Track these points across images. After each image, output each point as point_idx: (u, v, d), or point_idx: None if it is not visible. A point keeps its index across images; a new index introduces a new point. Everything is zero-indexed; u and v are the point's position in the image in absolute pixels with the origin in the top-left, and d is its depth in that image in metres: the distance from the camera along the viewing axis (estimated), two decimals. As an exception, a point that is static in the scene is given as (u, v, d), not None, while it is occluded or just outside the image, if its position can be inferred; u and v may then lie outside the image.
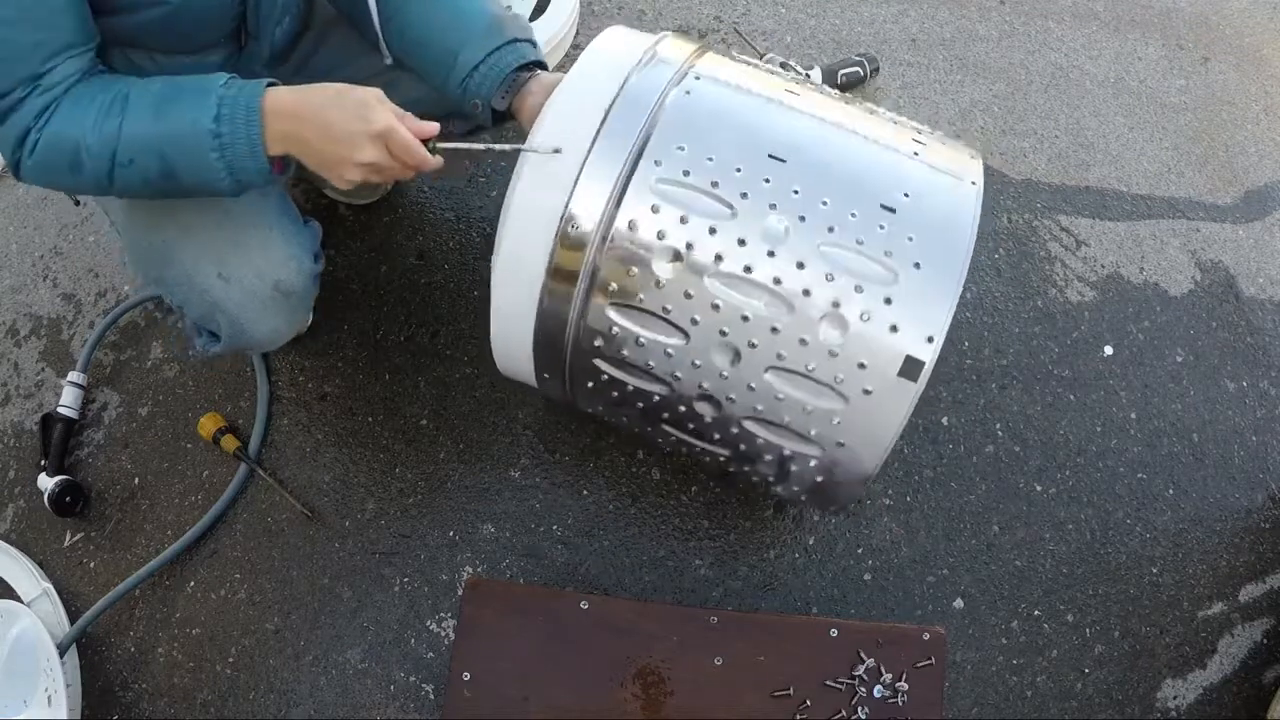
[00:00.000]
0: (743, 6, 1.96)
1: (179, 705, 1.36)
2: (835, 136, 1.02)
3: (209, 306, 1.16)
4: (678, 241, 0.94)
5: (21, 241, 1.76)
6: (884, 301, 0.93)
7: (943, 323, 0.93)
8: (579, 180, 0.96)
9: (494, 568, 1.41)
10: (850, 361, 0.94)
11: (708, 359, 0.98)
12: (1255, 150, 1.90)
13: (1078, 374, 1.59)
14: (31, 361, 1.65)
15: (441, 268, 1.62)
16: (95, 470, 1.53)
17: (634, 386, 1.05)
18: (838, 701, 1.23)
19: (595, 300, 0.99)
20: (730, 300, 0.95)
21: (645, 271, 0.96)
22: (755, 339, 0.95)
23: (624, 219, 0.95)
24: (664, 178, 0.95)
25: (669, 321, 0.97)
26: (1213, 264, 1.74)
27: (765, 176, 0.95)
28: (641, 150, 0.96)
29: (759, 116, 1.01)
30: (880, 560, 1.43)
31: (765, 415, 1.01)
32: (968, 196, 0.99)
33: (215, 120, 0.93)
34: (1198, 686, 1.41)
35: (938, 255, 0.94)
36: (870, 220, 0.95)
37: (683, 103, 0.99)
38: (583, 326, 1.01)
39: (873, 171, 0.99)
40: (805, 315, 0.94)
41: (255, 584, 1.42)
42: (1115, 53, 1.99)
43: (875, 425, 0.98)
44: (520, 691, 1.23)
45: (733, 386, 0.99)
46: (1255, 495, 1.55)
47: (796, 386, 0.97)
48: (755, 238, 0.94)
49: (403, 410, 1.52)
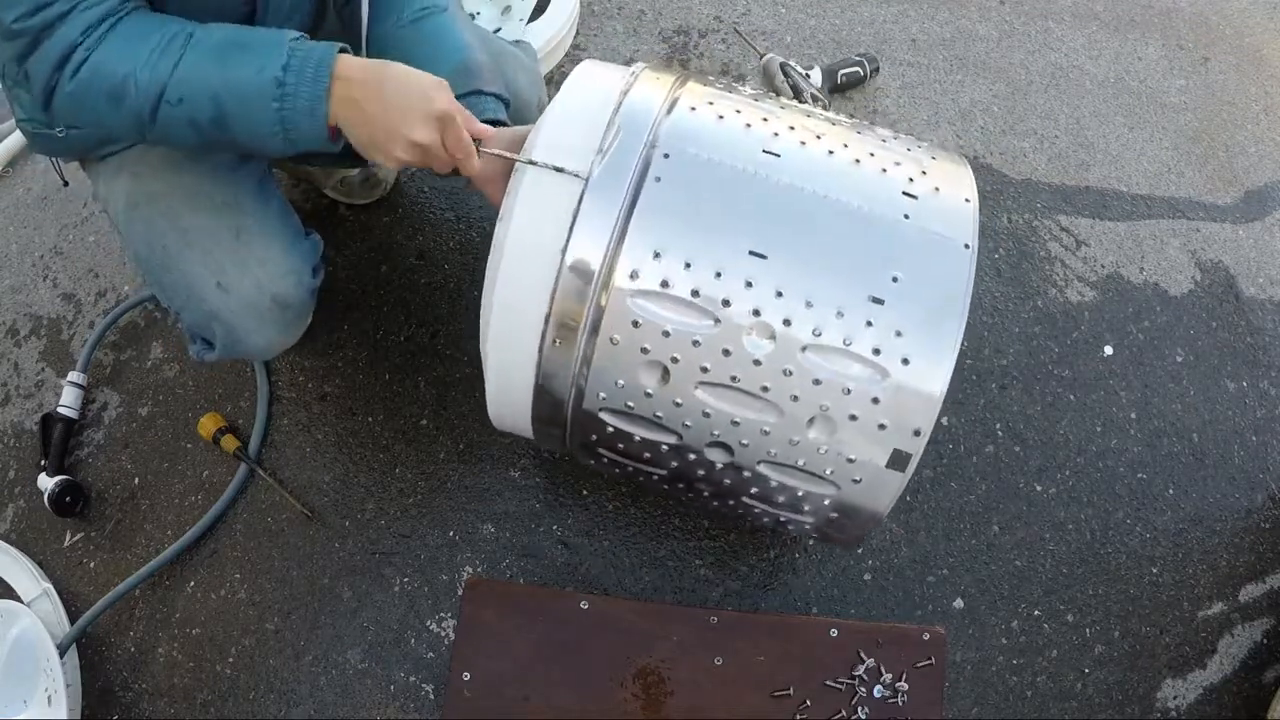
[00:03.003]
0: (743, 6, 1.96)
1: (179, 705, 1.36)
2: (820, 214, 0.95)
3: (205, 315, 1.15)
4: (662, 355, 0.93)
5: (21, 241, 1.76)
6: (871, 401, 0.93)
7: (931, 416, 0.93)
8: (556, 293, 0.93)
9: (494, 568, 1.41)
10: (840, 457, 0.96)
11: (701, 455, 1.01)
12: (1255, 150, 1.90)
13: (1078, 374, 1.59)
14: (31, 361, 1.65)
15: (441, 268, 1.62)
16: (95, 470, 1.53)
17: (633, 468, 1.08)
18: (838, 701, 1.23)
19: (588, 404, 1.00)
20: (720, 408, 0.95)
21: (633, 384, 0.96)
22: (746, 439, 0.97)
23: (605, 335, 0.94)
24: (641, 290, 0.92)
25: (661, 425, 0.99)
26: (1213, 264, 1.74)
27: (747, 280, 0.91)
28: (615, 260, 0.92)
29: (736, 200, 0.94)
30: (880, 560, 1.43)
31: (760, 496, 1.05)
32: (960, 266, 0.94)
33: (283, 69, 0.91)
34: (1198, 686, 1.41)
35: (927, 348, 0.92)
36: (857, 318, 0.92)
37: (654, 195, 0.93)
38: (578, 424, 1.03)
39: (860, 256, 0.94)
40: (794, 418, 0.95)
41: (255, 584, 1.42)
42: (1115, 53, 1.99)
43: (866, 505, 1.01)
44: (520, 691, 1.23)
45: (729, 474, 1.02)
46: (1255, 495, 1.55)
47: (789, 476, 1.01)
48: (740, 348, 0.92)
49: (403, 410, 1.52)
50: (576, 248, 0.92)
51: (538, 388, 1.00)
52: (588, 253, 0.92)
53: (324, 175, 1.62)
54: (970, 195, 1.01)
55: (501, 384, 1.04)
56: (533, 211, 0.95)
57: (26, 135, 1.16)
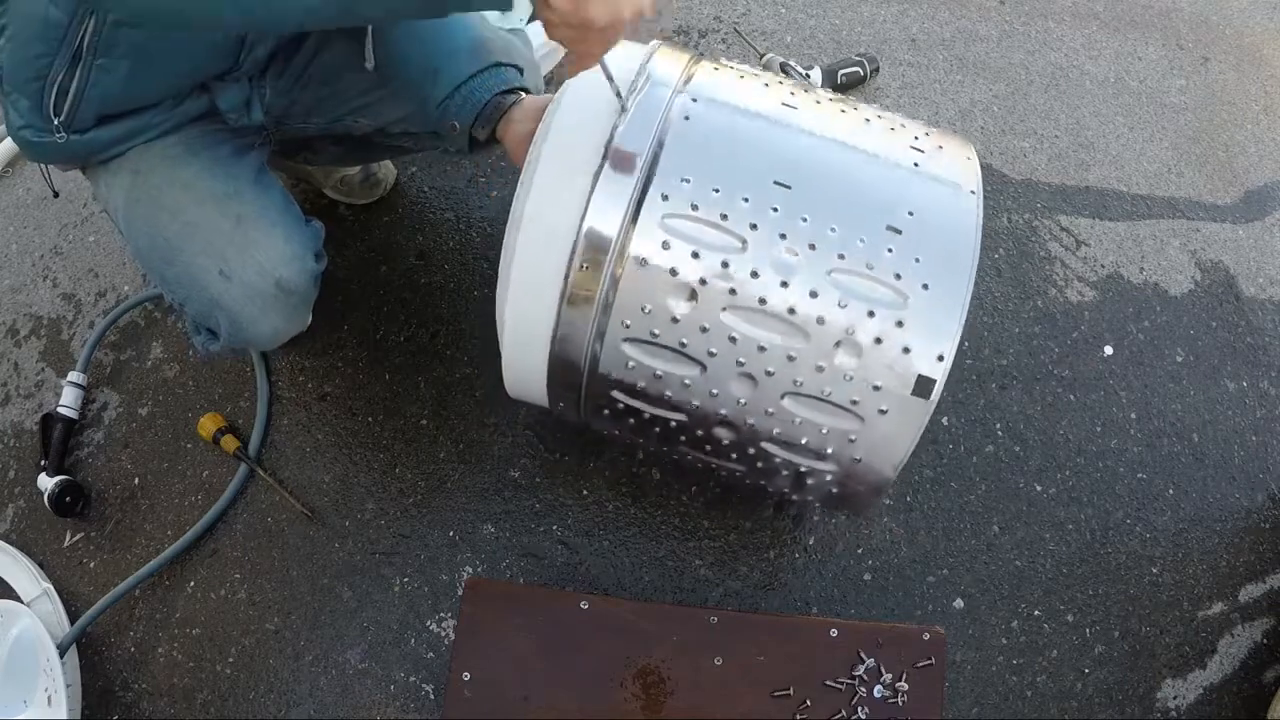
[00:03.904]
0: (743, 6, 1.96)
1: (179, 705, 1.36)
2: (836, 156, 1.01)
3: (209, 303, 1.15)
4: (691, 277, 0.94)
5: (21, 241, 1.76)
6: (896, 324, 0.94)
7: (953, 341, 0.94)
8: (585, 220, 0.95)
9: (494, 568, 1.41)
10: (865, 384, 0.96)
11: (725, 389, 0.99)
12: (1255, 150, 1.90)
13: (1078, 374, 1.59)
14: (31, 361, 1.65)
15: (441, 268, 1.62)
16: (95, 470, 1.53)
17: (650, 415, 1.06)
18: (838, 701, 1.23)
19: (610, 337, 0.99)
20: (747, 332, 0.95)
21: (660, 308, 0.96)
22: (772, 367, 0.96)
23: (634, 256, 0.95)
24: (672, 213, 0.94)
25: (686, 355, 0.98)
26: (1213, 264, 1.74)
27: (773, 205, 0.95)
28: (646, 186, 0.95)
29: (760, 140, 1.00)
30: (880, 560, 1.43)
31: (782, 437, 1.02)
32: (969, 208, 1.00)
33: None
34: (1198, 686, 1.41)
35: (944, 275, 0.96)
36: (878, 244, 0.95)
37: (683, 130, 0.98)
38: (598, 362, 1.01)
39: (876, 192, 0.99)
40: (821, 342, 0.95)
41: (255, 584, 1.42)
42: (1115, 53, 1.99)
43: (890, 442, 1.00)
44: (520, 691, 1.23)
45: (750, 412, 1.00)
46: (1255, 495, 1.55)
47: (813, 410, 0.99)
48: (768, 269, 0.94)
49: (403, 410, 1.52)
50: (609, 173, 0.94)
51: (560, 317, 0.99)
52: (620, 177, 0.95)
53: (324, 175, 1.62)
54: (971, 155, 1.07)
55: (522, 314, 1.01)
56: (568, 136, 0.98)
57: (22, 144, 1.12)
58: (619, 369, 1.01)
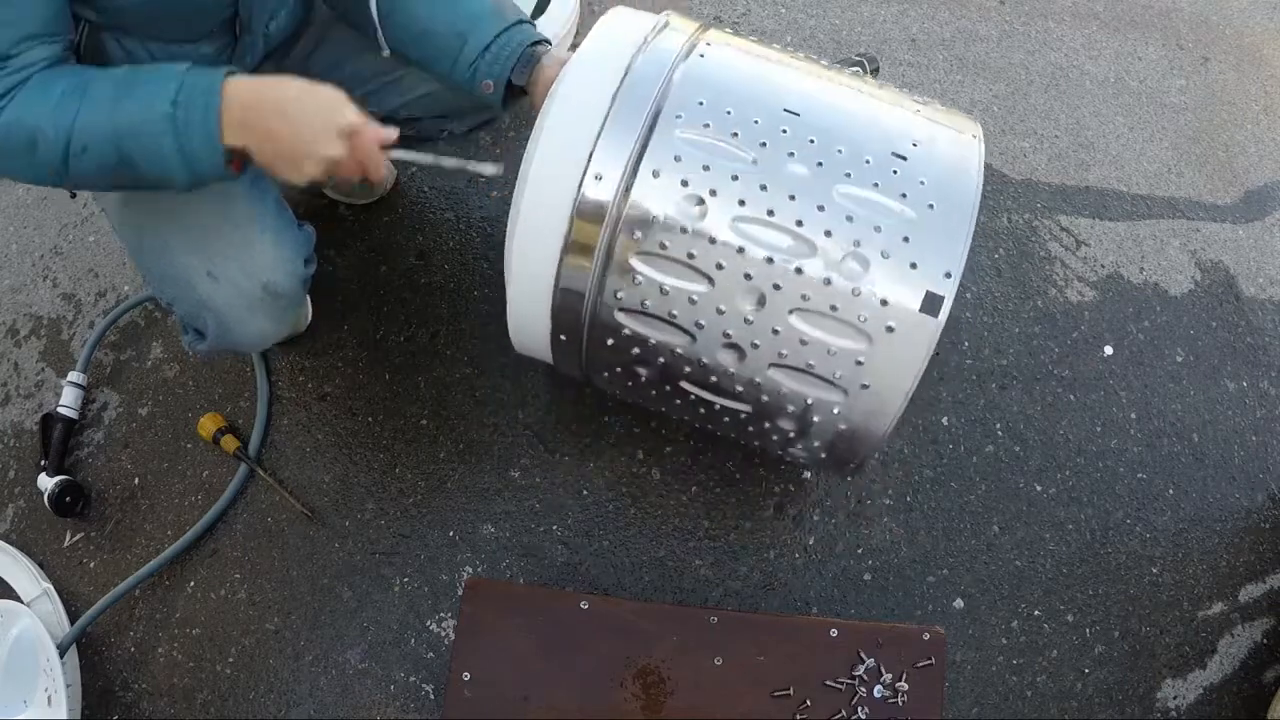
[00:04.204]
0: (743, 6, 1.96)
1: (179, 705, 1.36)
2: (843, 94, 1.06)
3: (197, 304, 1.15)
4: (701, 188, 0.96)
5: (21, 241, 1.76)
6: (903, 240, 0.96)
7: (960, 259, 0.96)
8: (602, 132, 0.98)
9: (494, 568, 1.41)
10: (873, 299, 0.96)
11: (732, 304, 0.99)
12: (1255, 150, 1.90)
13: (1078, 374, 1.59)
14: (31, 361, 1.65)
15: (441, 268, 1.62)
16: (95, 470, 1.53)
17: (655, 340, 1.04)
18: (838, 701, 1.23)
19: (619, 250, 0.99)
20: (755, 244, 0.96)
21: (669, 218, 0.97)
22: (780, 281, 0.96)
23: (647, 168, 0.97)
24: (685, 129, 0.98)
25: (693, 268, 0.98)
26: (1213, 264, 1.74)
27: (782, 127, 0.98)
28: (661, 105, 0.99)
29: (772, 74, 1.05)
30: (880, 560, 1.43)
31: (789, 361, 1.01)
32: (971, 145, 1.04)
33: (173, 104, 0.91)
34: (1198, 686, 1.41)
35: (950, 196, 0.98)
36: (884, 166, 0.98)
37: (697, 63, 1.03)
38: (606, 278, 1.01)
39: (882, 123, 1.03)
40: (828, 255, 0.96)
41: (255, 584, 1.42)
42: (1115, 53, 1.99)
43: (898, 364, 0.99)
44: (520, 691, 1.23)
45: (757, 332, 1.00)
46: (1255, 495, 1.55)
47: (820, 328, 0.98)
48: (777, 183, 0.96)
49: (403, 410, 1.52)
50: (626, 93, 0.98)
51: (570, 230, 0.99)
52: (638, 96, 0.98)
53: (323, 175, 1.62)
54: (972, 119, 1.12)
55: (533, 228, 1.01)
56: (591, 65, 1.02)
57: None
58: (627, 286, 1.00)
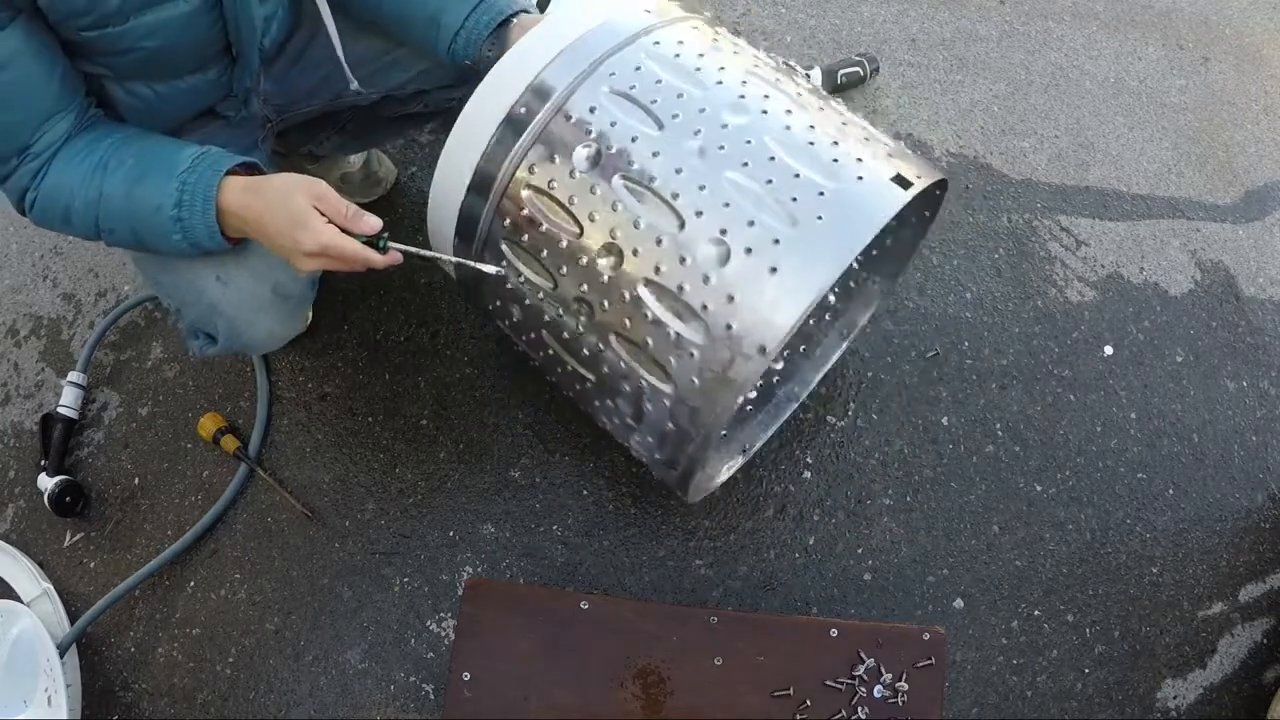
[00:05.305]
0: (743, 6, 1.96)
1: (179, 705, 1.36)
2: (791, 103, 1.02)
3: (207, 309, 1.16)
4: (601, 141, 0.99)
5: (21, 241, 1.76)
6: (772, 241, 0.92)
7: (816, 292, 0.90)
8: (541, 75, 1.02)
9: (494, 568, 1.41)
10: (720, 292, 0.94)
11: (592, 258, 1.00)
12: (1255, 150, 1.90)
13: (1078, 374, 1.59)
14: (31, 361, 1.65)
15: (442, 268, 1.62)
16: (95, 470, 1.53)
17: (525, 277, 1.07)
18: (838, 701, 1.23)
19: (516, 179, 1.03)
20: (628, 203, 0.97)
21: (564, 160, 1.00)
22: (639, 246, 0.97)
23: (565, 111, 1.01)
24: (612, 87, 1.01)
25: (570, 212, 1.00)
26: (1213, 264, 1.74)
27: (702, 108, 0.99)
28: (602, 64, 1.02)
29: (726, 65, 1.04)
30: (880, 560, 1.43)
31: (629, 333, 1.00)
32: (897, 192, 0.96)
33: (177, 207, 1.00)
34: (1198, 686, 1.41)
35: (846, 220, 0.92)
36: (786, 170, 0.95)
37: (648, 43, 1.04)
38: (502, 201, 1.05)
39: (813, 134, 0.99)
40: (691, 233, 0.95)
41: (255, 584, 1.42)
42: (1115, 53, 1.99)
43: (723, 382, 0.95)
44: (520, 691, 1.23)
45: (609, 292, 0.99)
46: (1255, 495, 1.55)
47: (665, 305, 0.97)
48: (670, 154, 0.97)
49: (403, 410, 1.52)
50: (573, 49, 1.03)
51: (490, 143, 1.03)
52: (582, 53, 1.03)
53: (325, 172, 1.62)
54: (936, 172, 1.05)
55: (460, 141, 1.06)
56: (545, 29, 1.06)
57: None
58: (513, 215, 1.04)
